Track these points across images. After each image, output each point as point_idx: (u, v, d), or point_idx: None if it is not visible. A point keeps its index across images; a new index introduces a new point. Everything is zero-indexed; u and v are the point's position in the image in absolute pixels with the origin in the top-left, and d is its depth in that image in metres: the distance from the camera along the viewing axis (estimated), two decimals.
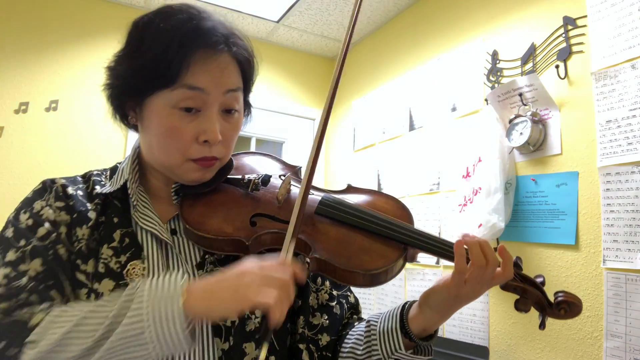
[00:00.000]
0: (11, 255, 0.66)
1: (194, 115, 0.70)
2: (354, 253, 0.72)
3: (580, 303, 0.72)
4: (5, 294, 0.63)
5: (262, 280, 0.60)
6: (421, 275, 2.10)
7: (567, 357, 1.47)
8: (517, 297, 0.75)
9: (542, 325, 0.74)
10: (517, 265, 0.76)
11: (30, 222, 0.69)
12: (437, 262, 2.02)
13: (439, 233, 2.04)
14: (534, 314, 0.76)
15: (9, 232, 0.69)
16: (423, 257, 2.09)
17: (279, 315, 0.58)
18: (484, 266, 0.69)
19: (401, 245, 0.74)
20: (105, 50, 2.34)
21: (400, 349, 0.75)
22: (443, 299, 0.73)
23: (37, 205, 0.72)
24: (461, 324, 1.85)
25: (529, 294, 0.74)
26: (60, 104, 2.34)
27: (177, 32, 0.68)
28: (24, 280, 0.65)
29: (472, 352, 1.74)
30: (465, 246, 0.71)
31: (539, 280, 0.76)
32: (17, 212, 0.72)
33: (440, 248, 0.74)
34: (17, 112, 2.25)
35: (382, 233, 0.75)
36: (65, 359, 0.58)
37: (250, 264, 0.62)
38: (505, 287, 0.75)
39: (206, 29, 0.70)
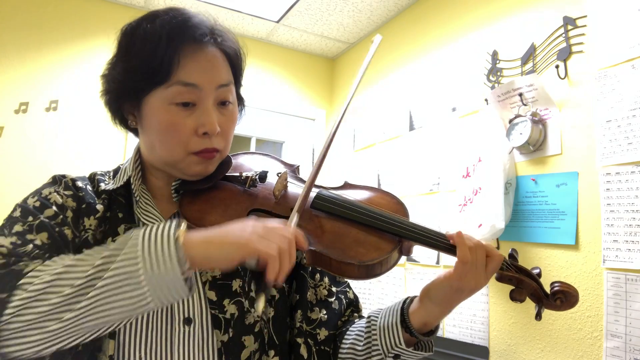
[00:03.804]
0: (18, 228, 0.67)
1: (190, 110, 0.73)
2: (349, 245, 0.73)
3: (577, 293, 0.72)
4: (8, 254, 0.62)
5: (265, 232, 0.60)
6: (421, 276, 2.10)
7: (567, 357, 1.47)
8: (512, 288, 0.75)
9: (538, 316, 0.74)
10: (513, 256, 0.76)
11: (37, 203, 0.71)
12: (437, 262, 2.02)
13: None
14: (533, 314, 0.76)
15: (17, 213, 0.70)
16: (423, 257, 2.09)
17: (279, 269, 0.58)
18: (483, 249, 0.71)
19: (396, 237, 0.75)
20: (105, 50, 2.35)
21: (400, 344, 0.75)
22: (445, 292, 0.73)
23: (46, 191, 0.74)
24: (461, 324, 1.85)
25: (524, 284, 0.74)
26: (60, 104, 2.34)
27: (164, 30, 0.71)
28: (30, 247, 0.64)
29: (472, 352, 1.74)
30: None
31: (535, 271, 0.76)
32: (26, 198, 0.74)
33: (434, 240, 0.75)
34: (17, 112, 2.25)
35: (376, 226, 0.75)
36: (54, 304, 0.55)
37: (254, 220, 0.63)
38: (500, 278, 0.75)
39: (191, 23, 0.74)
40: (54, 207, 0.71)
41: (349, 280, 0.88)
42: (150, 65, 0.71)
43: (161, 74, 0.71)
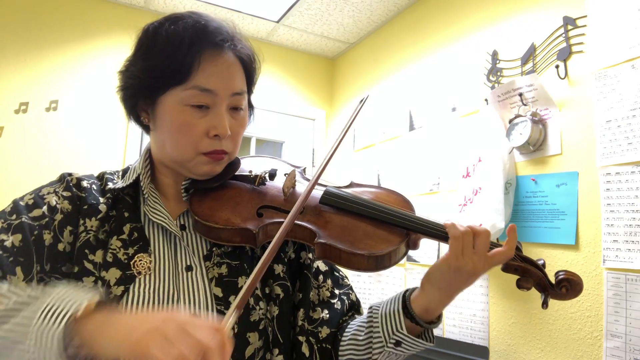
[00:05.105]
0: None
1: (204, 112, 0.75)
2: (358, 238, 0.75)
3: (581, 281, 0.74)
4: None
5: (175, 332, 0.47)
6: (421, 275, 2.10)
7: (567, 357, 1.47)
8: (518, 277, 0.77)
9: (544, 305, 0.76)
10: (517, 248, 0.78)
11: (30, 202, 0.73)
12: None
13: None
14: (533, 314, 0.76)
15: (9, 208, 0.72)
16: (423, 257, 2.09)
17: None
18: (475, 232, 0.72)
19: (403, 230, 0.77)
20: (106, 50, 2.37)
21: (401, 329, 0.75)
22: (443, 273, 0.74)
23: (45, 190, 0.76)
24: (461, 324, 1.85)
25: (530, 273, 0.75)
26: (60, 104, 2.34)
27: (187, 33, 0.73)
28: None
29: (472, 352, 1.74)
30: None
31: (539, 262, 0.77)
32: (26, 193, 0.75)
33: (440, 232, 0.76)
34: (17, 112, 2.25)
35: (385, 220, 0.77)
36: None
37: (177, 313, 0.50)
38: (506, 268, 0.76)
39: (212, 28, 0.76)
40: (45, 208, 0.72)
41: (358, 272, 0.89)
42: (171, 66, 0.72)
43: (180, 76, 0.72)
